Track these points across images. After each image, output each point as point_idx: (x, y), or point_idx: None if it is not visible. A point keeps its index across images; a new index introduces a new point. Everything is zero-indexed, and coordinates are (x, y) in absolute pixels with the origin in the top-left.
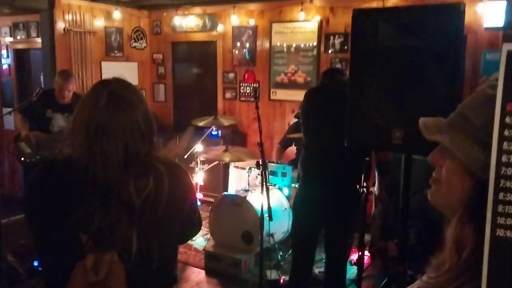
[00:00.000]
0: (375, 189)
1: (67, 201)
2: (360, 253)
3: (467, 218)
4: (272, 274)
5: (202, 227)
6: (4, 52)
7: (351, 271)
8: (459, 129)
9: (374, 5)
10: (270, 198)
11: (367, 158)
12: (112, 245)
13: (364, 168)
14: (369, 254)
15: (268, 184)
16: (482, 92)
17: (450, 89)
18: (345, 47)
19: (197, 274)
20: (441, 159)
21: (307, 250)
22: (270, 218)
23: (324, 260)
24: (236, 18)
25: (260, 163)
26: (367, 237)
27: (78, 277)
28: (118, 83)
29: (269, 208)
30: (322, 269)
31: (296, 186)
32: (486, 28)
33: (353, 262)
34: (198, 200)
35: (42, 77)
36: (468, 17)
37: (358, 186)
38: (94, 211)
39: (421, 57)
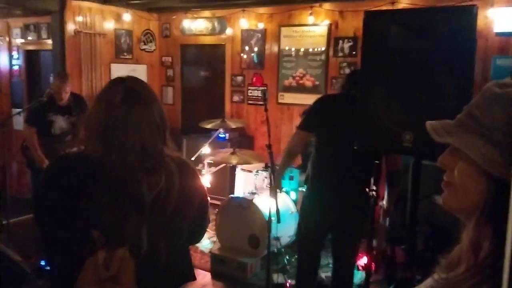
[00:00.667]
0: (384, 202)
1: (78, 196)
2: (368, 258)
3: (484, 220)
4: (278, 278)
5: (208, 230)
6: (15, 53)
7: (358, 276)
8: (469, 130)
9: (384, 8)
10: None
11: (377, 162)
12: (123, 241)
13: (375, 171)
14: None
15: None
16: (489, 91)
17: (461, 93)
18: (354, 52)
19: (203, 277)
20: (452, 162)
21: (314, 253)
22: (278, 221)
23: (330, 265)
24: (245, 22)
25: (269, 165)
26: (374, 243)
27: (89, 273)
28: (133, 80)
29: (277, 210)
30: (329, 274)
31: (303, 190)
32: (496, 33)
33: (360, 267)
34: (209, 198)
35: (51, 78)
36: (479, 22)
37: (367, 190)
38: (104, 206)
39: (433, 60)
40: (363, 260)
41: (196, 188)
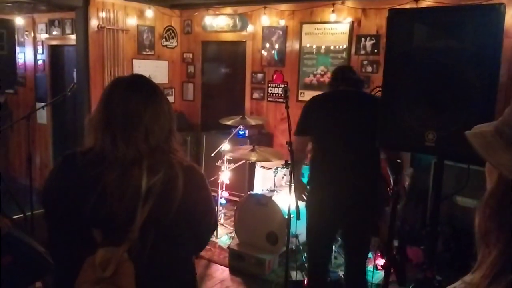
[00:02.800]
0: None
1: (82, 194)
2: (387, 258)
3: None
4: (296, 275)
5: (227, 226)
6: (39, 48)
7: (376, 276)
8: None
9: (407, 6)
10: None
11: (398, 161)
12: (121, 241)
13: (395, 171)
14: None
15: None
16: None
17: (487, 93)
18: (376, 50)
19: (221, 272)
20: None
21: (320, 250)
22: (298, 218)
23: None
24: (266, 19)
25: (289, 162)
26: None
27: (88, 272)
28: (138, 76)
29: (297, 207)
30: None
31: None
32: None
33: (380, 266)
34: (215, 204)
35: (75, 73)
36: (505, 21)
37: (375, 184)
38: (105, 204)
39: (458, 59)
40: (382, 260)
41: (201, 196)
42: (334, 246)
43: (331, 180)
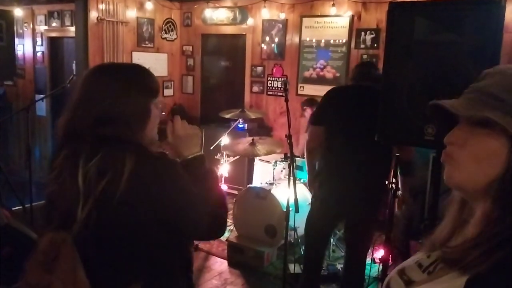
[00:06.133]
0: (399, 192)
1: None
2: (385, 251)
3: (504, 192)
4: (295, 268)
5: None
6: (38, 40)
7: (374, 269)
8: (496, 107)
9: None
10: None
11: (397, 154)
12: (67, 227)
13: (394, 164)
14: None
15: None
16: (504, 73)
17: None
18: (376, 44)
19: (220, 264)
20: (462, 138)
21: (318, 242)
22: (297, 210)
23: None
24: (266, 12)
25: (288, 155)
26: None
27: (34, 256)
28: (113, 63)
29: (296, 200)
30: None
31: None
32: None
33: (377, 260)
34: (194, 199)
35: (74, 65)
36: (505, 16)
37: (383, 181)
38: (57, 187)
39: (458, 53)
40: (379, 253)
41: (163, 184)
42: (332, 239)
43: (341, 175)
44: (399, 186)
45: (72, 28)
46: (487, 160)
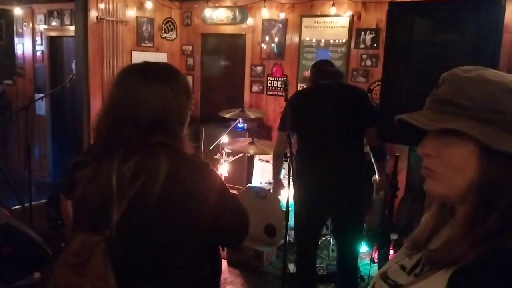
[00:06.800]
0: (376, 177)
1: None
2: (383, 250)
3: (484, 196)
4: (294, 268)
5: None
6: (38, 39)
7: (373, 269)
8: (459, 115)
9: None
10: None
11: (397, 154)
12: (100, 229)
13: (393, 164)
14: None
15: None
16: (456, 77)
17: None
18: (375, 44)
19: None
20: (435, 149)
21: (306, 243)
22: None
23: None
24: (266, 11)
25: (288, 155)
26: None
27: (65, 256)
28: (148, 63)
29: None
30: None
31: None
32: None
33: (376, 260)
34: (232, 202)
35: (73, 64)
36: (505, 16)
37: (359, 171)
38: (89, 189)
39: (458, 53)
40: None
41: (204, 189)
42: (332, 240)
43: (316, 172)
44: (376, 172)
45: (72, 27)
46: (463, 167)
